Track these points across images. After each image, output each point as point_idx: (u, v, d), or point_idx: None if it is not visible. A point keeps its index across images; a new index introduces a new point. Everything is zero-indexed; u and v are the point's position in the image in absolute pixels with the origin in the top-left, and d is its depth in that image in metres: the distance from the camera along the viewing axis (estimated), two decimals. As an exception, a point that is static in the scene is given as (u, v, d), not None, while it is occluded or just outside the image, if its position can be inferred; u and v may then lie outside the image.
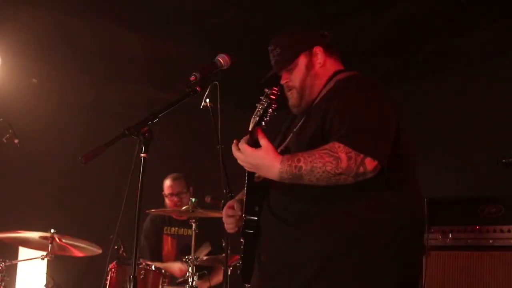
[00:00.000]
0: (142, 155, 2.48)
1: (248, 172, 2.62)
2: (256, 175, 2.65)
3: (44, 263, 4.74)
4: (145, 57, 5.96)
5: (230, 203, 2.86)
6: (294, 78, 2.74)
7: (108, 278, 4.38)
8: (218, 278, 4.93)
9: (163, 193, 5.34)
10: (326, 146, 2.39)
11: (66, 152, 6.02)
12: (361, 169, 2.37)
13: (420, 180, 2.70)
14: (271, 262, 2.59)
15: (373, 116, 2.48)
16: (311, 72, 2.73)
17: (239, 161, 2.53)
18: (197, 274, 4.38)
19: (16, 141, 4.68)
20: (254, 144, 2.47)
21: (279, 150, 2.56)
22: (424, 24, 5.09)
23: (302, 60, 2.74)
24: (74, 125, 6.64)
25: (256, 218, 2.63)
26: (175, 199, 5.22)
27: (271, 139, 2.51)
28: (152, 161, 2.51)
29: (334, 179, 2.38)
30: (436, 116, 5.77)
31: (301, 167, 2.38)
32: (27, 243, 4.79)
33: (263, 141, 2.45)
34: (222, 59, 2.71)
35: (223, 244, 4.24)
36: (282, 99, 2.69)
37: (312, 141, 2.50)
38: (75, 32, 5.45)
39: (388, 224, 2.49)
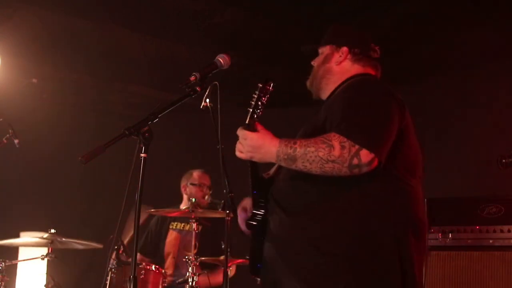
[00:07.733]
0: (142, 155, 2.48)
1: (252, 168, 2.67)
2: (266, 173, 2.70)
3: (44, 263, 4.74)
4: (147, 58, 5.96)
5: (244, 204, 2.87)
6: (315, 62, 2.86)
7: (108, 278, 4.37)
8: (218, 278, 4.90)
9: (184, 184, 5.26)
10: (323, 135, 2.44)
11: (67, 152, 6.01)
12: (355, 161, 2.36)
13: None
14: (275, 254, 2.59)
15: (372, 111, 2.49)
16: (326, 65, 2.80)
17: (239, 150, 2.60)
18: (197, 274, 4.38)
19: (16, 141, 4.67)
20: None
21: None
22: (424, 24, 5.09)
23: (327, 50, 2.82)
24: (76, 125, 6.64)
25: (263, 212, 2.66)
26: (204, 189, 5.19)
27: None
28: (152, 161, 2.51)
29: (328, 167, 2.39)
30: (436, 116, 5.77)
31: (296, 148, 2.44)
32: (27, 243, 4.80)
33: (259, 127, 2.57)
34: (222, 59, 2.71)
35: (223, 246, 4.23)
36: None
37: (314, 134, 2.52)
38: (77, 32, 5.45)
39: (378, 223, 2.47)
